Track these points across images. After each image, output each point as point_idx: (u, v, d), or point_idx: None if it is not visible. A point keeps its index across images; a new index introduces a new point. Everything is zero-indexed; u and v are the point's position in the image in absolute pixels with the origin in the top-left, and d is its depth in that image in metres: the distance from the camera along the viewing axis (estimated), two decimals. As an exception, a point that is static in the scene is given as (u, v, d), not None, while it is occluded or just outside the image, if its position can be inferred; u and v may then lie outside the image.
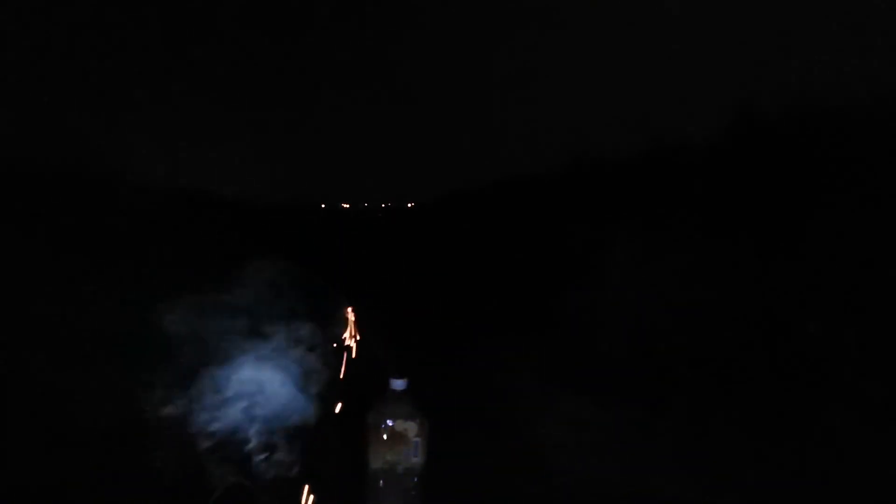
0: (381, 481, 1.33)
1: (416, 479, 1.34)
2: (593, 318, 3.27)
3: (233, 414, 1.73)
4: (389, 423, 1.32)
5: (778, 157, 2.96)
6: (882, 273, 2.25)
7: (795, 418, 2.16)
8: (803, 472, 1.90)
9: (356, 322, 2.18)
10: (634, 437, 2.25)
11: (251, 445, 1.67)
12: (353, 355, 2.04)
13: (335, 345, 1.78)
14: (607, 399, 2.52)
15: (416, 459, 1.33)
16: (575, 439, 2.25)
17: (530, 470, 1.98)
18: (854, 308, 2.28)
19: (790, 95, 3.13)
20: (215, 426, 1.72)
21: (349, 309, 2.20)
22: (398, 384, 1.35)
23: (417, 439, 1.32)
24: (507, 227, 5.80)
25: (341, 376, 1.62)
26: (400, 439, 1.32)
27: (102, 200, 3.50)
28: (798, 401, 2.22)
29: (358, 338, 1.89)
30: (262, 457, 1.65)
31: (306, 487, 1.54)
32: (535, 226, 5.11)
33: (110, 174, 3.86)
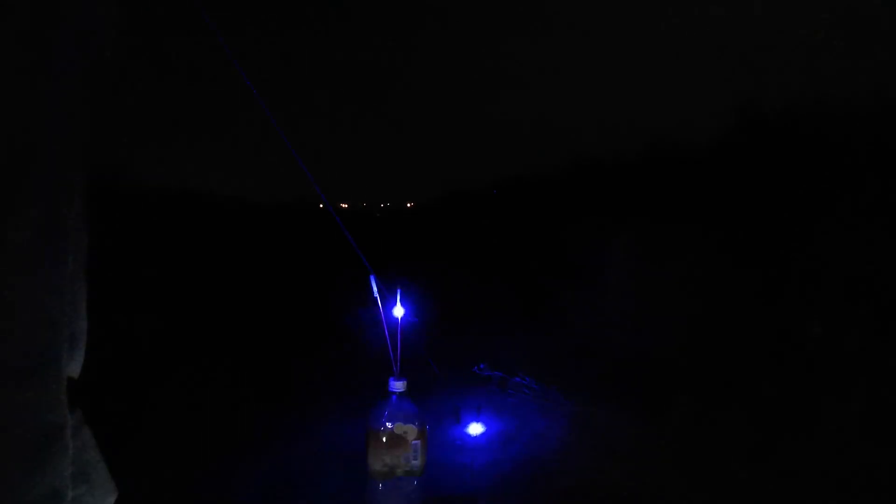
0: (381, 484, 1.32)
1: (415, 482, 1.33)
2: (593, 317, 3.26)
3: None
4: (389, 425, 1.31)
5: (779, 157, 2.96)
6: (885, 274, 2.25)
7: (796, 419, 2.15)
8: (803, 473, 1.89)
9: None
10: (634, 437, 2.25)
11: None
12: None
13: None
14: (607, 399, 2.52)
15: (416, 462, 1.32)
16: (575, 439, 2.24)
17: (532, 469, 1.97)
18: (857, 310, 2.27)
19: (791, 96, 3.12)
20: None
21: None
22: (398, 385, 1.35)
23: (417, 442, 1.32)
24: (507, 227, 5.80)
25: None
26: (399, 442, 1.31)
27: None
28: (798, 402, 2.21)
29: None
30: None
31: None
32: (535, 225, 5.10)
33: (108, 177, 3.82)
